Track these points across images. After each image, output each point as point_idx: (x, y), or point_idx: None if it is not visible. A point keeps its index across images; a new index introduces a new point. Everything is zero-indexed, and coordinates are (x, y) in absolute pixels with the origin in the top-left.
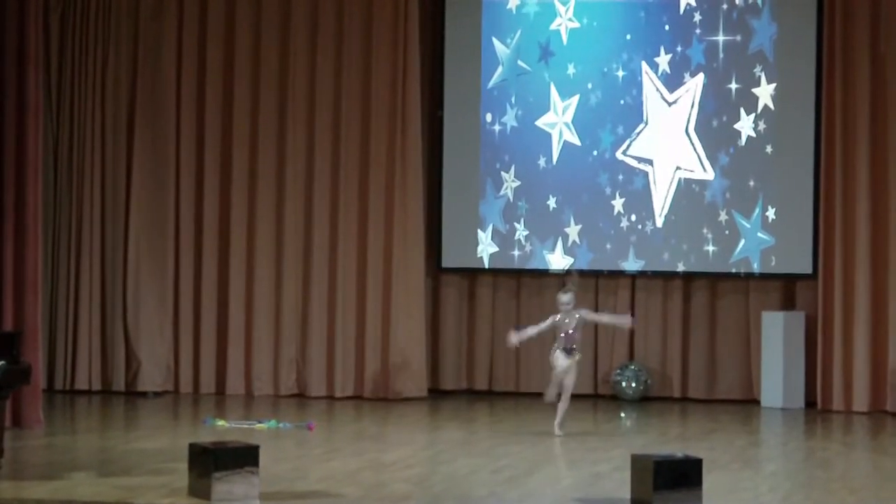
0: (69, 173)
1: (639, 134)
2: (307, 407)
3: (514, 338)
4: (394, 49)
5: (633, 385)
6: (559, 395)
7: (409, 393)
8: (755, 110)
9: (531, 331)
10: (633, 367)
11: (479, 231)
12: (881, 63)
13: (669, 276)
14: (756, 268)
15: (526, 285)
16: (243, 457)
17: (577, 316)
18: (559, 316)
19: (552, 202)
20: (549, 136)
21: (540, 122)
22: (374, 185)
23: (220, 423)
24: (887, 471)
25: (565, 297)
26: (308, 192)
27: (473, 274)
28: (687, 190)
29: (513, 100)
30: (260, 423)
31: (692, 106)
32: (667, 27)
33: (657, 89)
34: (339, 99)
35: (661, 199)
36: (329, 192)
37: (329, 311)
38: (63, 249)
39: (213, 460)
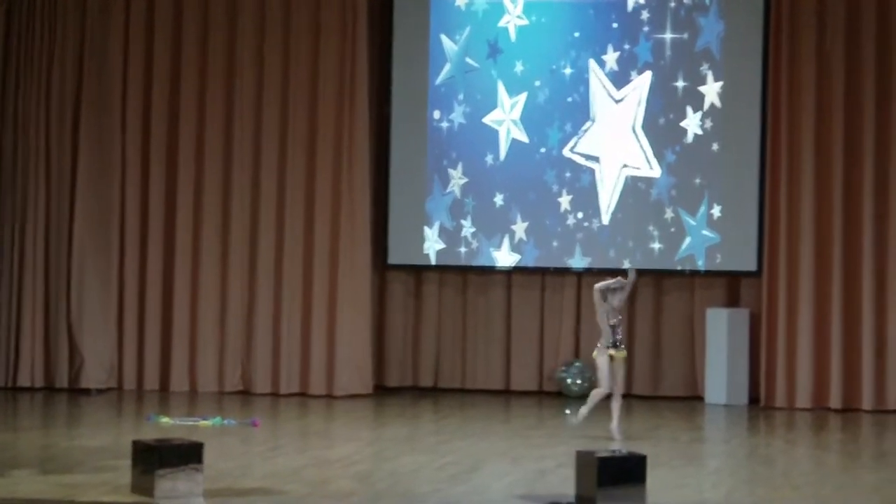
0: (13, 170)
1: (586, 131)
2: (252, 404)
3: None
4: (341, 45)
5: (578, 382)
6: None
7: (355, 390)
8: (702, 108)
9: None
10: (577, 364)
11: (425, 228)
12: (827, 62)
13: (615, 273)
14: (701, 265)
15: (472, 282)
16: (187, 454)
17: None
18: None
19: (499, 199)
20: (496, 133)
21: (487, 120)
22: (320, 181)
23: (164, 419)
24: (829, 467)
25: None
26: (254, 188)
27: (420, 271)
28: (633, 187)
29: (460, 97)
30: (204, 419)
31: (639, 104)
32: (615, 25)
33: (604, 87)
34: (286, 95)
35: (608, 196)
36: (275, 189)
37: (274, 308)
38: (6, 246)
39: (156, 457)
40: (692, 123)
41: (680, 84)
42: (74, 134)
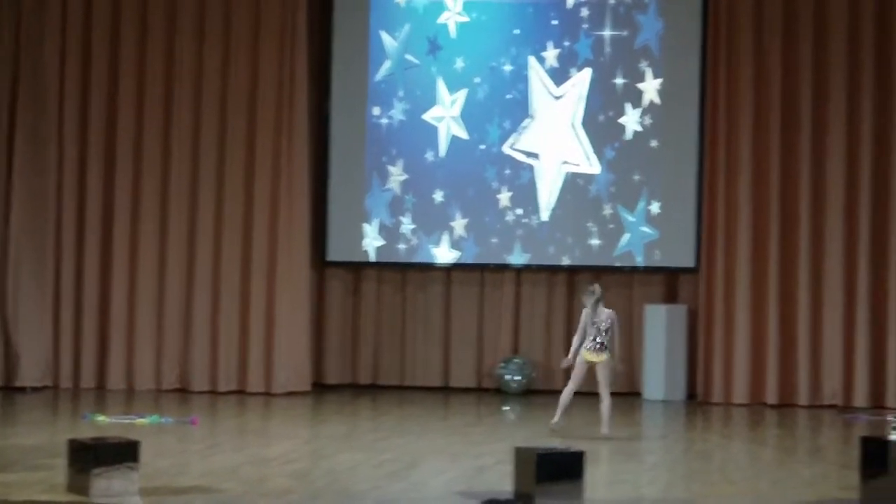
0: None
1: (525, 128)
2: (190, 402)
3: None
4: (280, 42)
5: (518, 378)
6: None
7: (293, 387)
8: (641, 105)
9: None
10: (517, 360)
11: (364, 225)
12: (764, 60)
13: (554, 269)
14: (640, 261)
15: (412, 279)
16: (123, 452)
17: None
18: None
19: (439, 196)
20: (436, 129)
21: (427, 116)
22: (259, 178)
23: (101, 418)
24: (765, 462)
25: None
26: (193, 186)
27: (359, 267)
28: (573, 184)
29: (400, 93)
30: (141, 418)
31: (579, 100)
32: (554, 22)
33: (544, 84)
34: (225, 92)
35: (547, 193)
36: (214, 186)
37: (212, 305)
38: None
39: (92, 456)
40: (631, 120)
41: (619, 81)
42: (10, 132)
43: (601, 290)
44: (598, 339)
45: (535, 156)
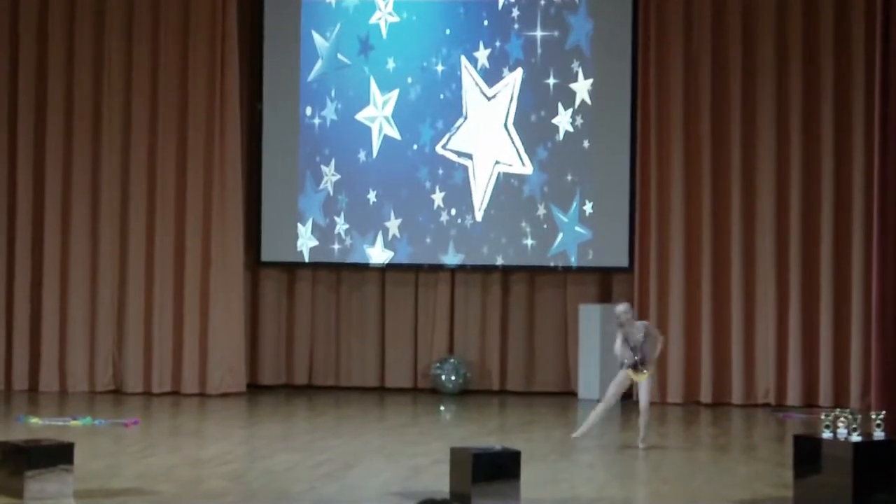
0: None
1: (458, 128)
2: (124, 403)
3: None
4: (211, 41)
5: (453, 378)
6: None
7: (228, 388)
8: (573, 105)
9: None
10: (452, 360)
11: (298, 225)
12: (694, 61)
13: (488, 269)
14: (573, 261)
15: (346, 279)
16: (57, 454)
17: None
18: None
19: (372, 196)
20: (368, 129)
21: (360, 116)
22: (192, 177)
23: (34, 420)
24: (700, 461)
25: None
26: (124, 186)
27: (293, 268)
28: (506, 184)
29: (332, 93)
30: (75, 419)
31: (511, 100)
32: (486, 22)
33: (476, 84)
34: (155, 91)
35: (481, 193)
36: (146, 186)
37: (146, 306)
38: None
39: (25, 458)
40: (563, 120)
41: (551, 81)
42: None
43: (622, 311)
44: (636, 357)
45: (467, 156)
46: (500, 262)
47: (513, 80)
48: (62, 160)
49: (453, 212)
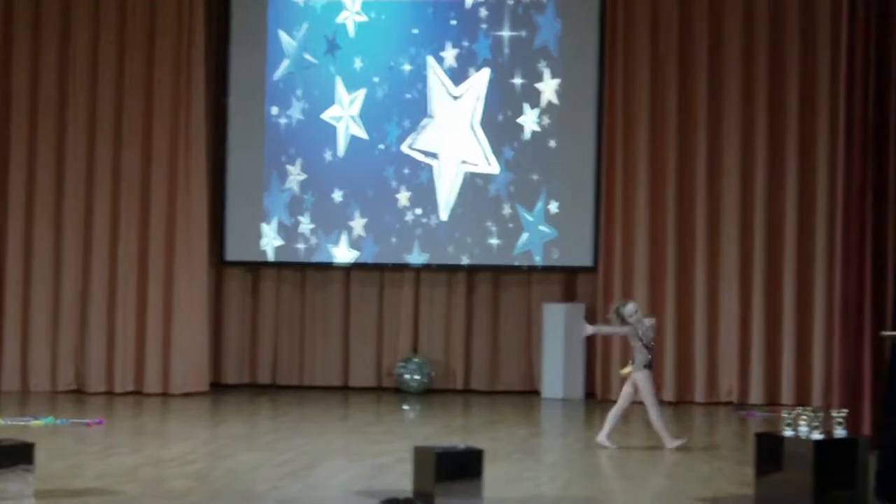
0: None
1: (424, 128)
2: (86, 403)
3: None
4: (178, 39)
5: (417, 377)
6: None
7: (191, 387)
8: (539, 105)
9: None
10: (416, 359)
11: (263, 224)
12: (661, 62)
13: (453, 269)
14: (538, 261)
15: (310, 278)
16: (18, 454)
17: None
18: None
19: (338, 195)
20: (334, 129)
21: (326, 116)
22: (156, 176)
23: None
24: (662, 459)
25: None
26: (88, 183)
27: (257, 267)
28: (471, 184)
29: (299, 92)
30: (36, 419)
31: (477, 100)
32: (453, 22)
33: (443, 84)
34: (121, 87)
35: (446, 192)
36: (110, 183)
37: (109, 305)
38: None
39: None
40: (529, 120)
41: (518, 81)
42: None
43: (632, 311)
44: (650, 356)
45: (434, 155)
46: (465, 261)
47: (479, 79)
48: (26, 157)
49: (419, 211)
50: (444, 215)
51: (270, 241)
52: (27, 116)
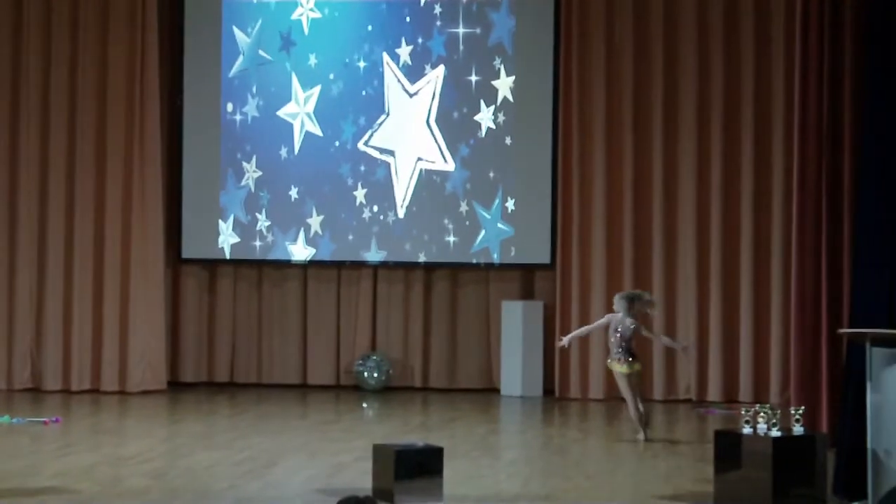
0: None
1: (381, 125)
2: (42, 401)
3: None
4: (131, 35)
5: (375, 375)
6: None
7: (148, 385)
8: (495, 102)
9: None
10: (374, 357)
11: (220, 221)
12: (616, 57)
13: (411, 266)
14: (496, 258)
15: (268, 276)
16: None
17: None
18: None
19: (294, 193)
20: (290, 126)
21: (281, 113)
22: (111, 173)
23: None
24: (621, 456)
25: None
26: (43, 181)
27: (214, 265)
28: (428, 181)
29: (254, 89)
30: None
31: (433, 97)
32: (408, 19)
33: (398, 80)
34: (74, 86)
35: (403, 189)
36: (65, 182)
37: (65, 303)
38: None
39: None
40: (486, 117)
41: (473, 78)
42: None
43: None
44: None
45: (390, 153)
46: (422, 258)
47: (435, 76)
48: None
49: (375, 208)
50: (400, 212)
51: (227, 239)
52: None
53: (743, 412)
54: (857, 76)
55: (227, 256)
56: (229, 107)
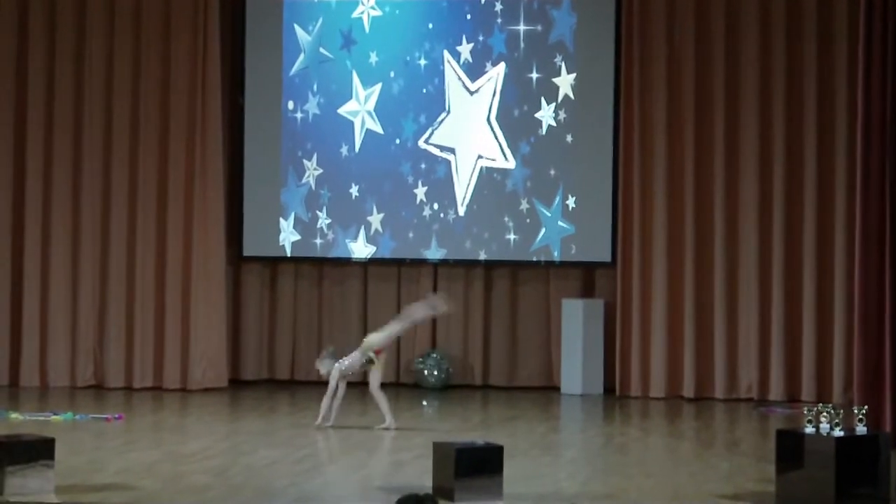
0: None
1: (441, 122)
2: (105, 398)
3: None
4: (193, 35)
5: (436, 373)
6: None
7: (209, 383)
8: (556, 100)
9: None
10: (435, 355)
11: (280, 219)
12: (677, 54)
13: (471, 264)
14: (556, 256)
15: (328, 274)
16: (38, 450)
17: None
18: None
19: (354, 190)
20: (351, 124)
21: (342, 110)
22: (173, 172)
23: (14, 415)
24: (683, 455)
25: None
26: (106, 180)
27: (275, 262)
28: (489, 179)
29: (315, 87)
30: (55, 415)
31: (494, 95)
32: (469, 16)
33: (459, 78)
34: (137, 85)
35: (463, 187)
36: (127, 180)
37: (128, 300)
38: None
39: (6, 454)
40: (546, 115)
41: (534, 76)
42: None
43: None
44: None
45: (450, 150)
46: (482, 256)
47: (496, 74)
48: (42, 156)
49: (436, 206)
50: (461, 210)
51: (288, 237)
52: (43, 115)
53: (805, 411)
54: None
55: (288, 254)
56: (290, 105)
